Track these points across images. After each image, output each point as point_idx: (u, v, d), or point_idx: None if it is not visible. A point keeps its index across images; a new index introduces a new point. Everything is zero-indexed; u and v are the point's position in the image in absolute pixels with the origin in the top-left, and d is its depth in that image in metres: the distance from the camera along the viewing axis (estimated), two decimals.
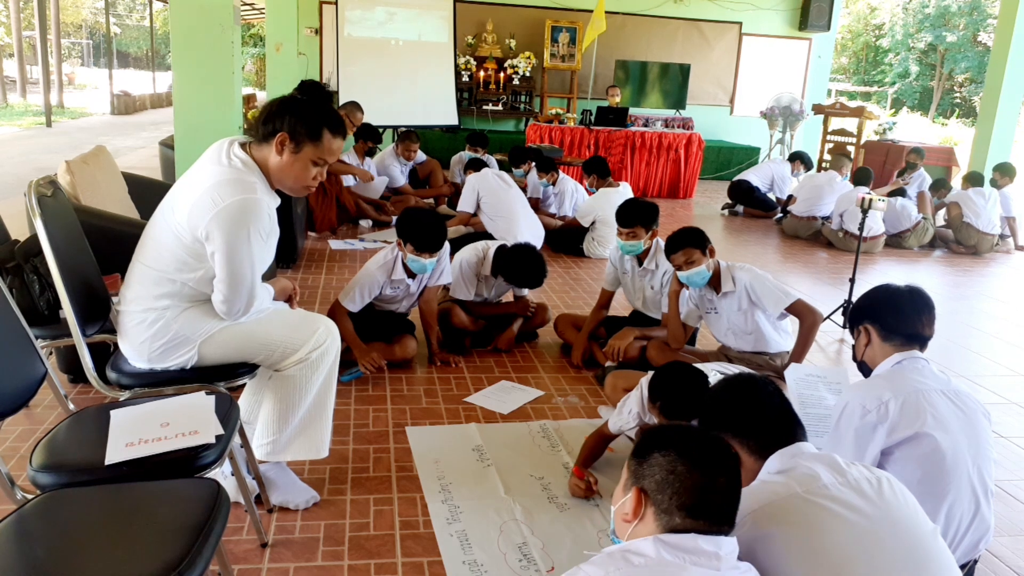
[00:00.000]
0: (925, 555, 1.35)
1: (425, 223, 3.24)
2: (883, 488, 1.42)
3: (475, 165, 6.16)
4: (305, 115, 2.00)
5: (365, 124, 6.47)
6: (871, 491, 1.40)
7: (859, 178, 7.03)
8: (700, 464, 1.27)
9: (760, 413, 1.57)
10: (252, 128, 2.06)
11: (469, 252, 3.74)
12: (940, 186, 7.69)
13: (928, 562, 1.35)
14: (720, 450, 1.31)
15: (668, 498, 1.26)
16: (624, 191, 5.66)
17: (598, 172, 5.87)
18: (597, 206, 5.69)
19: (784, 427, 1.55)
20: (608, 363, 3.44)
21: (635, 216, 3.47)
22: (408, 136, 6.95)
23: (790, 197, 7.72)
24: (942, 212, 7.41)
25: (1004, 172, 7.33)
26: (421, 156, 7.19)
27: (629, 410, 2.48)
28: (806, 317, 3.05)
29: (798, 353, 3.05)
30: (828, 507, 1.36)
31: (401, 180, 6.89)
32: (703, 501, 1.25)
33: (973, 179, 7.29)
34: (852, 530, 1.34)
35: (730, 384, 1.68)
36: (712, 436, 1.37)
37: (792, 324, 3.20)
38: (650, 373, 2.47)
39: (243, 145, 2.05)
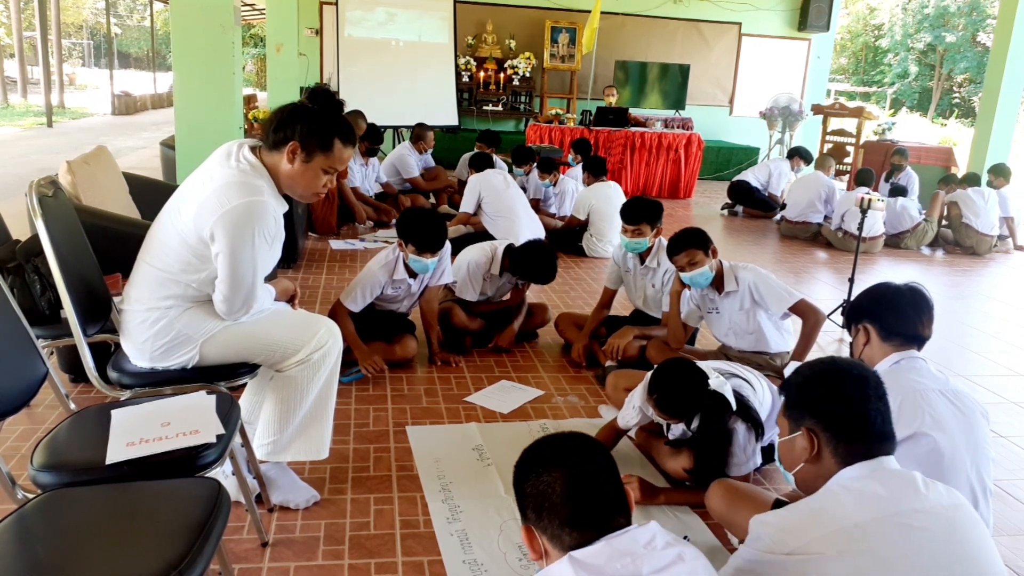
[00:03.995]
0: None
1: (426, 223, 3.25)
2: (956, 519, 1.35)
3: (478, 163, 6.08)
4: (317, 125, 2.01)
5: (370, 124, 6.54)
6: (944, 523, 1.33)
7: (861, 179, 7.03)
8: (562, 471, 1.20)
9: (863, 415, 1.44)
10: (261, 133, 2.06)
11: (476, 253, 3.73)
12: (951, 180, 7.63)
13: None
14: (575, 447, 1.25)
15: (550, 521, 1.19)
16: (614, 187, 5.93)
17: (593, 171, 6.07)
18: (592, 197, 5.82)
19: (881, 437, 1.44)
20: (608, 362, 3.45)
21: (641, 213, 3.48)
22: (421, 127, 7.13)
23: (783, 204, 7.70)
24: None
25: (998, 173, 7.32)
26: (430, 160, 7.26)
27: (633, 405, 2.49)
28: (809, 317, 3.05)
29: (800, 352, 3.06)
30: (897, 538, 1.30)
31: (415, 172, 6.98)
32: (582, 508, 1.18)
33: (972, 180, 7.28)
34: (921, 566, 1.28)
35: (836, 370, 1.51)
36: (563, 437, 1.30)
37: (794, 324, 3.20)
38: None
39: (253, 148, 2.05)
